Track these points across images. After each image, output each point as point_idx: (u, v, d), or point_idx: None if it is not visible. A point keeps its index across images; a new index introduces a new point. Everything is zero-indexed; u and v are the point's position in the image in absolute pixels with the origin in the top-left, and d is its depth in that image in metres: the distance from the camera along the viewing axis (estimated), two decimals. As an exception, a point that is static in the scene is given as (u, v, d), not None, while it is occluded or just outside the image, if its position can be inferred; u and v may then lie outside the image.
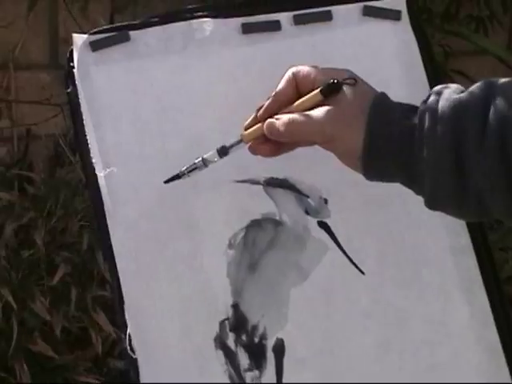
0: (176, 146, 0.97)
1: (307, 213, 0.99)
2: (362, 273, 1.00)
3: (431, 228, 1.01)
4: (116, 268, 0.94)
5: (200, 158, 0.90)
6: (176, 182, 0.95)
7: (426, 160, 0.77)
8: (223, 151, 0.90)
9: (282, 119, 0.83)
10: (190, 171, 0.91)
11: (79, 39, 0.96)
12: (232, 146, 0.90)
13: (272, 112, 0.85)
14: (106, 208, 0.95)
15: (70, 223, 1.65)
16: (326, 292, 0.99)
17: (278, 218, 0.99)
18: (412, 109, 0.81)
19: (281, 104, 0.85)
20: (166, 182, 0.92)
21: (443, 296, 1.01)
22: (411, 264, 1.01)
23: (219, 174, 0.96)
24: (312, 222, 0.99)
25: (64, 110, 1.76)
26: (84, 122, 0.95)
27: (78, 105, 0.95)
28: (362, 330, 0.98)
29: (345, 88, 0.81)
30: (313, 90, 0.83)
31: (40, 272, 1.61)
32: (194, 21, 0.99)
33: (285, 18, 1.01)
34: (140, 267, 0.95)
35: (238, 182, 0.98)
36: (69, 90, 0.96)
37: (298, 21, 1.01)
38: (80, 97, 0.95)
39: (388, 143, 0.78)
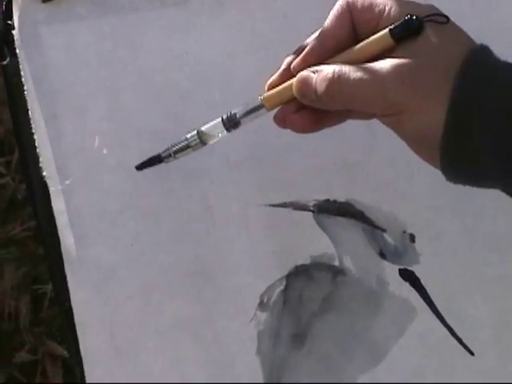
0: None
1: (383, 256, 0.77)
2: (471, 353, 0.76)
3: None
4: (79, 348, 0.72)
5: (194, 132, 0.66)
6: (173, 204, 0.74)
7: None
8: (232, 121, 0.66)
9: (323, 73, 0.63)
10: (179, 151, 0.66)
11: (21, -18, 0.75)
12: (246, 113, 0.65)
13: (312, 62, 0.65)
14: (63, 249, 0.73)
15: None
16: (414, 381, 0.77)
17: (336, 263, 0.77)
18: None
19: (326, 51, 0.65)
20: (139, 167, 0.68)
21: None
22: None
23: (243, 193, 0.75)
24: (391, 270, 0.77)
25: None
26: (29, 112, 0.74)
27: (21, 85, 0.75)
28: None
29: (428, 30, 0.62)
30: (377, 32, 0.63)
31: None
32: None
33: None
34: (118, 345, 0.74)
35: (274, 205, 0.75)
36: (5, 63, 0.76)
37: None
38: (23, 73, 0.74)
39: (486, 123, 0.60)
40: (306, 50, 0.65)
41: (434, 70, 0.62)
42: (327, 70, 0.63)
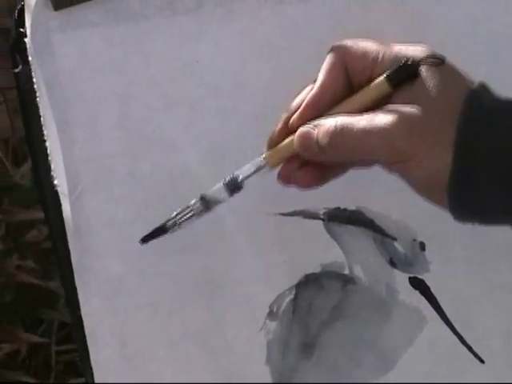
0: (186, 160, 0.74)
1: (393, 264, 0.76)
2: (481, 361, 0.76)
3: None
4: (89, 359, 0.72)
5: (197, 199, 0.65)
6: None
7: None
8: (234, 185, 0.65)
9: (324, 127, 0.62)
10: (183, 221, 0.65)
11: (33, -10, 0.74)
12: (249, 175, 0.65)
13: (310, 117, 0.64)
14: (73, 259, 0.72)
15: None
16: (424, 389, 0.76)
17: (346, 271, 0.76)
18: None
19: (323, 104, 0.64)
20: (144, 240, 0.67)
21: None
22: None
23: (253, 202, 0.73)
24: (401, 278, 0.76)
25: (7, 100, 1.41)
26: (42, 119, 0.73)
27: (33, 93, 0.73)
28: None
29: (424, 72, 0.60)
30: (373, 79, 0.62)
31: None
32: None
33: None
34: (128, 355, 0.74)
35: (283, 214, 0.75)
36: (17, 70, 0.74)
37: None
38: (36, 81, 0.73)
39: (492, 164, 0.60)
40: (303, 105, 0.64)
41: (438, 114, 0.60)
42: (328, 123, 0.62)
